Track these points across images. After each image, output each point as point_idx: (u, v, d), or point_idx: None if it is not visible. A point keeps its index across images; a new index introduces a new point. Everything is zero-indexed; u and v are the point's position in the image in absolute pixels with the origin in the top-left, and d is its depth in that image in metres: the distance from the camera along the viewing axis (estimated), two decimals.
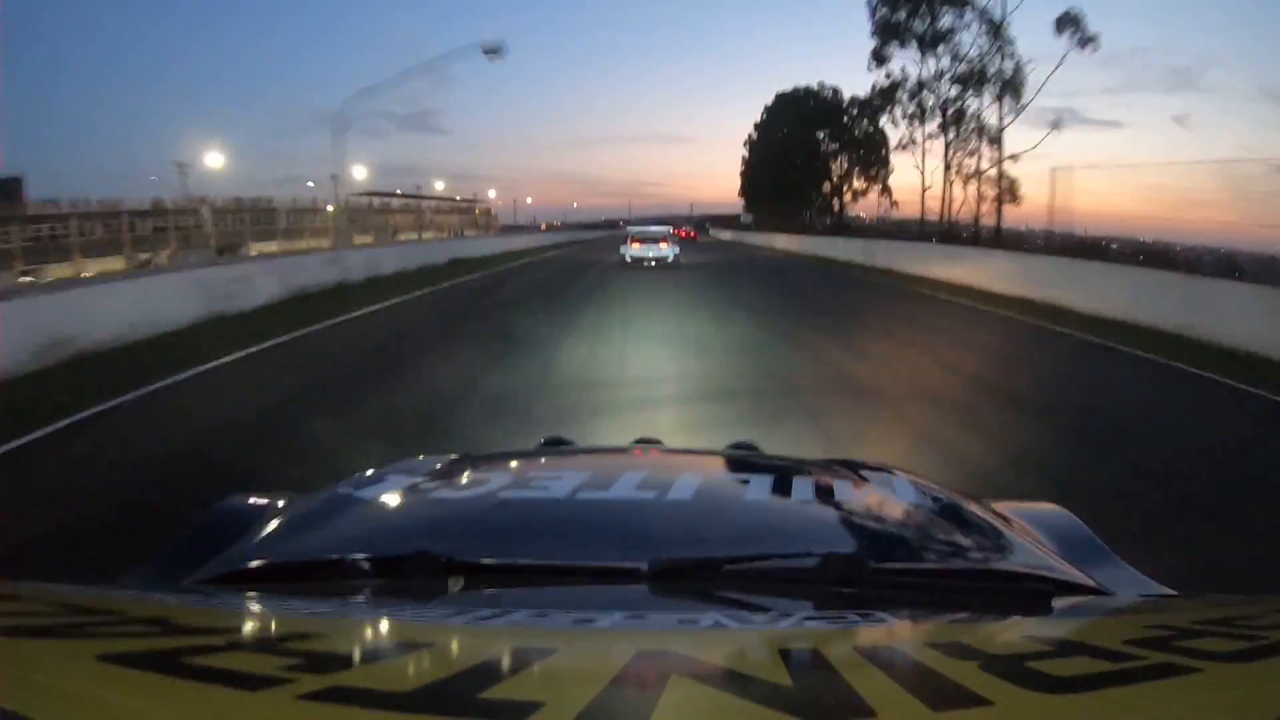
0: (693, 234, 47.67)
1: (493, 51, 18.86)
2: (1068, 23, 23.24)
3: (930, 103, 28.00)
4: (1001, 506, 1.19)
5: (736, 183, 52.64)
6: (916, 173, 29.79)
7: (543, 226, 61.62)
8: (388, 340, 8.60)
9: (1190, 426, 5.28)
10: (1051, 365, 7.48)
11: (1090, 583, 0.91)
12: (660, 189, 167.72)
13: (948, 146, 27.76)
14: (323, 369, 7.01)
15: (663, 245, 19.43)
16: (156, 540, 1.11)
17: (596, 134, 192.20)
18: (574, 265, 21.14)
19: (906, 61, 28.71)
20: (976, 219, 27.05)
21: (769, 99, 46.09)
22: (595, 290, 13.87)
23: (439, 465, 1.27)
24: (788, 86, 44.51)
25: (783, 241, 35.01)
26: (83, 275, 16.95)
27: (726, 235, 52.19)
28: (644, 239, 19.83)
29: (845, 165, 39.49)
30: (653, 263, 18.99)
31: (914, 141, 29.02)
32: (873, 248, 21.79)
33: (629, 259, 19.24)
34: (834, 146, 39.75)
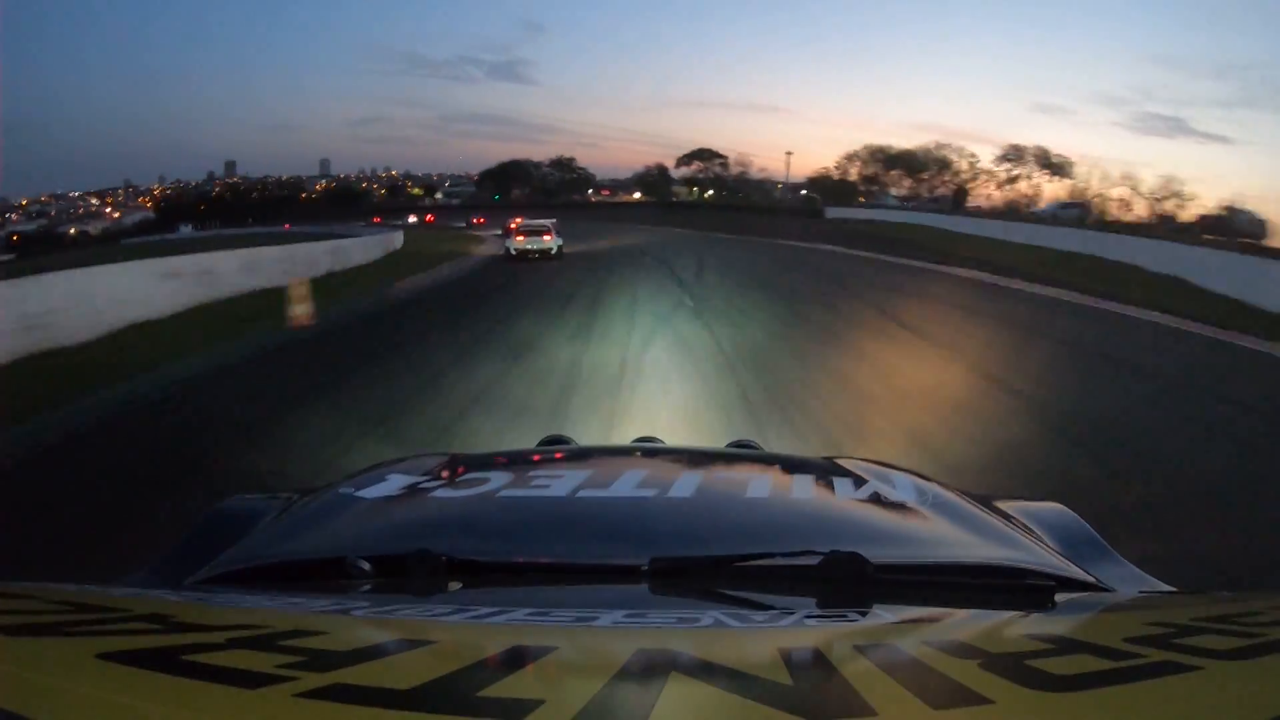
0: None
1: None
2: None
3: None
4: (1002, 504, 1.18)
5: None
6: None
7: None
8: None
9: None
10: None
11: (1091, 580, 0.91)
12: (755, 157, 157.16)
13: None
14: None
15: (545, 238, 20.77)
16: None
17: (682, 97, 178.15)
18: None
19: None
20: None
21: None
22: None
23: (438, 464, 1.27)
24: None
25: None
26: None
27: None
28: (528, 232, 21.33)
29: None
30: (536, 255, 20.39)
31: None
32: None
33: (514, 251, 20.61)
34: None
